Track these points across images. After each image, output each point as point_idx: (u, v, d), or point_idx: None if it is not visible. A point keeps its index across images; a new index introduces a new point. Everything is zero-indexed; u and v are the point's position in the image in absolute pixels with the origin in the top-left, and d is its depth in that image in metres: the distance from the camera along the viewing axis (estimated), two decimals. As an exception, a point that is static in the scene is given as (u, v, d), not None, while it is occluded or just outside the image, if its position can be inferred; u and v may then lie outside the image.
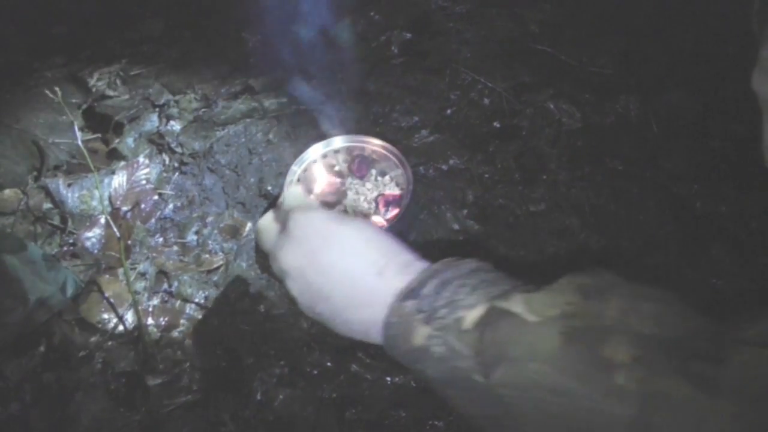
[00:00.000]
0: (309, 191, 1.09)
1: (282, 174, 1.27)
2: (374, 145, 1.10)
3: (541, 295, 0.60)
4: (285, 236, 0.73)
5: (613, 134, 1.26)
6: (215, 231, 1.23)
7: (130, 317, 1.13)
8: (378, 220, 1.03)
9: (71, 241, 1.23)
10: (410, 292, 0.64)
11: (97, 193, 1.26)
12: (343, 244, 0.70)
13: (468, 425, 0.68)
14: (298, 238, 0.72)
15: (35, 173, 1.35)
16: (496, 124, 1.29)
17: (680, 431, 0.48)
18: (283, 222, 0.75)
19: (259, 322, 1.11)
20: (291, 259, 0.71)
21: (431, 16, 1.56)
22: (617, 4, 1.49)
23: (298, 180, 1.08)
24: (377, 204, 1.06)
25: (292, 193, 0.80)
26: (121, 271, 1.17)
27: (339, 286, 0.69)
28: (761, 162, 1.19)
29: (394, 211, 1.04)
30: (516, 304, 0.59)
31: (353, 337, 0.71)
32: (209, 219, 1.25)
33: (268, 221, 0.79)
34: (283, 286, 0.76)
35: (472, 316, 0.61)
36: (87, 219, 1.25)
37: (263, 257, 0.93)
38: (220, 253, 1.21)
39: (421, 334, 0.63)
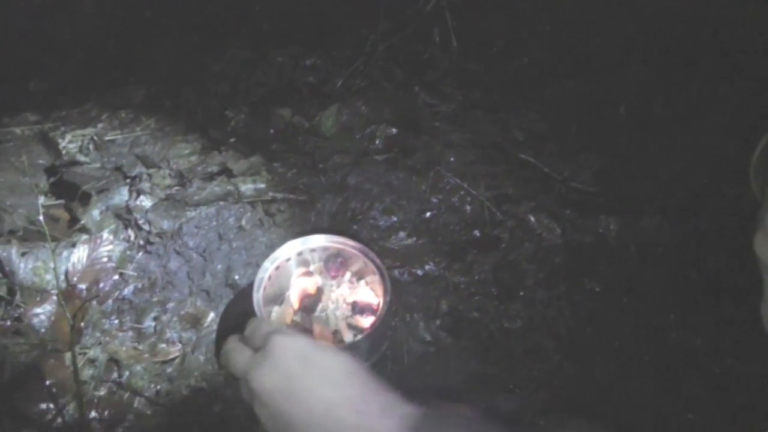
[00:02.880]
0: (281, 291, 1.04)
1: (251, 264, 1.21)
2: (352, 247, 1.06)
3: None
4: (263, 356, 0.68)
5: (592, 254, 1.25)
6: (175, 318, 1.17)
7: (72, 409, 1.04)
8: (355, 326, 0.99)
9: (16, 315, 1.15)
10: None
11: (52, 265, 1.19)
12: (322, 373, 0.66)
13: None
14: (277, 359, 0.67)
15: (-13, 237, 1.27)
16: (476, 233, 1.27)
17: None
18: (263, 342, 0.70)
19: (212, 424, 1.04)
20: (266, 380, 0.66)
21: (418, 113, 1.56)
22: (599, 121, 1.51)
23: (269, 278, 1.03)
24: (353, 309, 1.02)
25: (280, 312, 0.83)
26: (68, 355, 1.09)
27: (313, 418, 0.64)
28: (736, 299, 1.17)
29: (369, 319, 1.00)
30: None
31: None
32: (170, 305, 1.18)
33: (236, 341, 0.74)
34: (253, 408, 0.68)
35: None
36: (38, 294, 1.17)
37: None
38: (178, 344, 1.14)
39: None
